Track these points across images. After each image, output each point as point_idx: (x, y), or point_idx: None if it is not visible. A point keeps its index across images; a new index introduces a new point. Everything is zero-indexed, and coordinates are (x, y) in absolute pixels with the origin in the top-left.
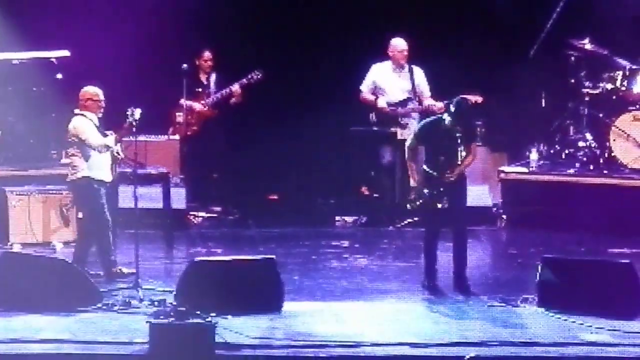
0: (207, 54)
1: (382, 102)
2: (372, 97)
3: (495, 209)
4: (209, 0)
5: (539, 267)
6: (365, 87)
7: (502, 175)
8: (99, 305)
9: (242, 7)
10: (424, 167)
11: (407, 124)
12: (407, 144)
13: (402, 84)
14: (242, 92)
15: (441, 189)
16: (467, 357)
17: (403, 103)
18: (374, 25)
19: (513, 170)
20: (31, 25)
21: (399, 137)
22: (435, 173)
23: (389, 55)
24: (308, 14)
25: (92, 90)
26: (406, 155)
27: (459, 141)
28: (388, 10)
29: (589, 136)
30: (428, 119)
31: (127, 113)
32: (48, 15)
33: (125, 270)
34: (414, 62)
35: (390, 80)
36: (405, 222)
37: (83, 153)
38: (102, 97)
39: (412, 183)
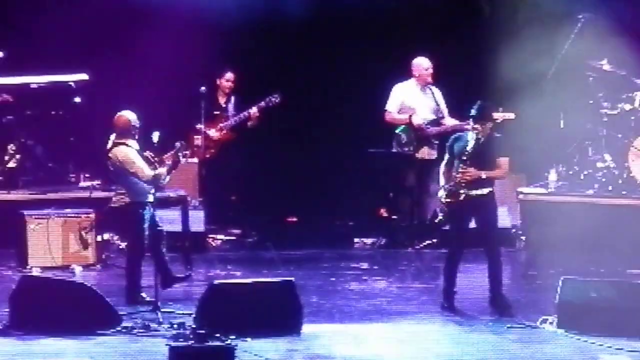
0: (229, 75)
1: (417, 120)
2: (404, 116)
3: (514, 230)
4: (227, 25)
5: (559, 288)
6: (393, 107)
7: (521, 196)
8: (119, 328)
9: (260, 31)
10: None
11: (436, 143)
12: (443, 163)
13: (429, 103)
14: (259, 115)
15: (466, 204)
16: None
17: (434, 122)
18: (391, 47)
19: (532, 191)
20: (49, 49)
21: (423, 157)
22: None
23: (412, 75)
24: (324, 36)
25: (130, 117)
26: (441, 171)
27: (483, 153)
28: (404, 32)
29: (607, 157)
30: (456, 134)
31: (176, 145)
32: (66, 39)
33: (147, 297)
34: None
35: (417, 99)
36: (424, 243)
37: (129, 180)
38: (138, 121)
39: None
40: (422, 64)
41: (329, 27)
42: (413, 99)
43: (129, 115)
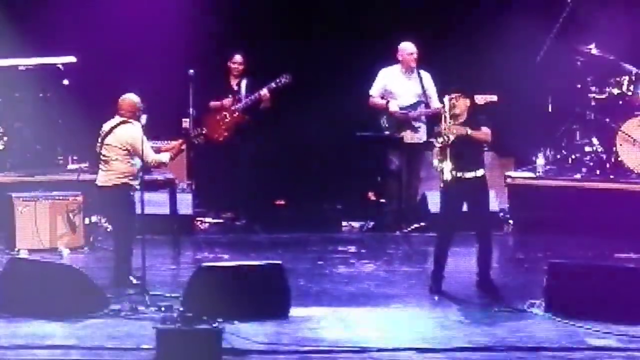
0: (237, 57)
1: (393, 106)
2: (382, 101)
3: (502, 214)
4: (215, 9)
5: (546, 272)
6: (375, 92)
7: (509, 180)
8: (106, 311)
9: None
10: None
11: (419, 127)
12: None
13: (412, 87)
14: (270, 96)
15: (459, 187)
16: None
17: (414, 106)
18: (381, 30)
19: (520, 175)
20: (38, 31)
21: (407, 140)
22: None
23: (398, 60)
24: (311, 19)
25: (135, 99)
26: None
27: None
28: (395, 15)
29: (595, 141)
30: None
31: (189, 131)
32: (55, 21)
33: (134, 280)
34: (421, 67)
35: (400, 84)
36: (412, 227)
37: (127, 161)
38: (141, 103)
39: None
40: (406, 48)
41: (315, 7)
42: (395, 84)
43: (133, 98)
